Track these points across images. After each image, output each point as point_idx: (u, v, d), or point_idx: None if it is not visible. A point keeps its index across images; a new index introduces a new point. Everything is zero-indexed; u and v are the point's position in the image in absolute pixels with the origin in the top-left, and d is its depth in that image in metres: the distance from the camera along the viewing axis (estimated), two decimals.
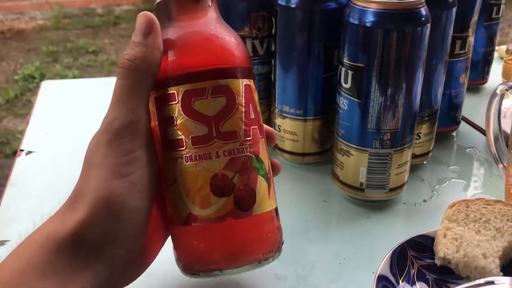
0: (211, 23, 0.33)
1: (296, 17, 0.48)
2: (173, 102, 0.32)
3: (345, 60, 0.44)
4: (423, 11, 0.42)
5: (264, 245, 0.33)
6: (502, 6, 0.67)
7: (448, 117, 0.59)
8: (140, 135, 0.30)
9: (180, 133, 0.32)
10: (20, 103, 2.30)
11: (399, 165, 0.47)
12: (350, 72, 0.44)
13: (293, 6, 0.47)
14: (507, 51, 0.72)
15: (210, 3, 0.34)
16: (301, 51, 0.49)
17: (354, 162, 0.47)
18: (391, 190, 0.47)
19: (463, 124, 0.63)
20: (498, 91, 0.47)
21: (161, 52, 0.32)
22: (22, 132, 2.03)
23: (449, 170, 0.55)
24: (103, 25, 3.22)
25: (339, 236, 0.45)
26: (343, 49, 0.45)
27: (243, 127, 0.32)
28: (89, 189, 0.29)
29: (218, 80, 0.32)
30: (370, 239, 0.45)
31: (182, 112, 0.31)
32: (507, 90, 0.46)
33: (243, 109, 0.32)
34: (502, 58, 0.83)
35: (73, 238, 0.28)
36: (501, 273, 0.37)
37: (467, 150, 0.59)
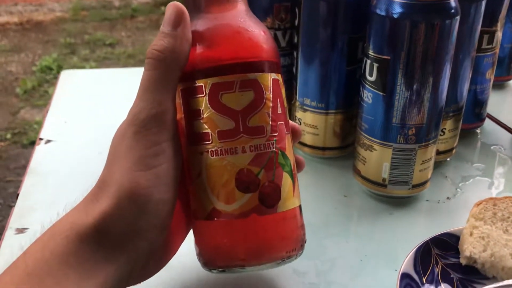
0: (240, 16, 0.33)
1: (320, 8, 0.47)
2: (200, 95, 0.31)
3: (371, 53, 0.43)
4: (453, 3, 0.41)
5: (288, 242, 0.33)
6: None
7: (473, 113, 0.58)
8: (166, 127, 0.30)
9: (206, 127, 0.31)
10: (38, 94, 2.32)
11: (423, 161, 0.45)
12: (375, 65, 0.43)
13: None
14: None
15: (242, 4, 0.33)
16: (325, 43, 0.48)
17: (377, 157, 0.46)
18: (414, 186, 0.46)
19: (487, 121, 0.61)
20: None
21: (190, 44, 0.31)
22: (39, 123, 2.06)
23: (473, 167, 0.54)
24: (120, 17, 3.23)
25: (360, 232, 0.44)
26: (368, 41, 0.44)
27: (270, 122, 0.32)
28: (114, 180, 0.29)
29: (247, 74, 0.31)
30: (392, 236, 0.44)
31: (209, 105, 0.31)
32: None
33: (271, 104, 0.32)
34: None
35: (96, 230, 0.28)
36: None
37: (492, 147, 0.58)
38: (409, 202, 0.48)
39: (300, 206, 0.34)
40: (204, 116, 0.31)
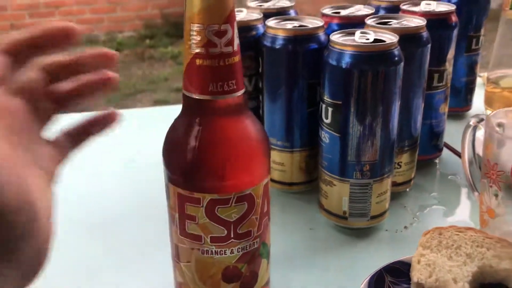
0: (238, 128, 0.35)
1: (280, 57, 0.51)
2: (197, 205, 0.34)
3: (325, 98, 0.48)
4: (396, 51, 0.46)
5: None
6: (481, 38, 0.70)
7: (430, 145, 0.62)
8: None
9: (200, 230, 0.35)
10: None
11: (379, 194, 0.49)
12: (330, 109, 0.47)
13: (277, 47, 0.51)
14: (488, 79, 0.75)
15: (243, 105, 0.34)
16: (286, 88, 0.52)
17: (337, 192, 0.50)
18: (373, 217, 0.50)
19: (445, 151, 0.65)
20: (471, 123, 0.50)
21: None
22: None
23: (430, 197, 0.58)
24: None
25: (324, 264, 0.48)
26: (323, 88, 0.48)
27: (257, 224, 0.36)
28: None
29: (243, 190, 0.34)
30: (354, 265, 0.47)
31: (205, 215, 0.34)
32: (478, 122, 0.49)
33: (259, 209, 0.36)
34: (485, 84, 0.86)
35: None
36: None
37: (449, 177, 0.62)
38: (370, 232, 0.51)
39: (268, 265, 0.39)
40: (199, 222, 0.35)
